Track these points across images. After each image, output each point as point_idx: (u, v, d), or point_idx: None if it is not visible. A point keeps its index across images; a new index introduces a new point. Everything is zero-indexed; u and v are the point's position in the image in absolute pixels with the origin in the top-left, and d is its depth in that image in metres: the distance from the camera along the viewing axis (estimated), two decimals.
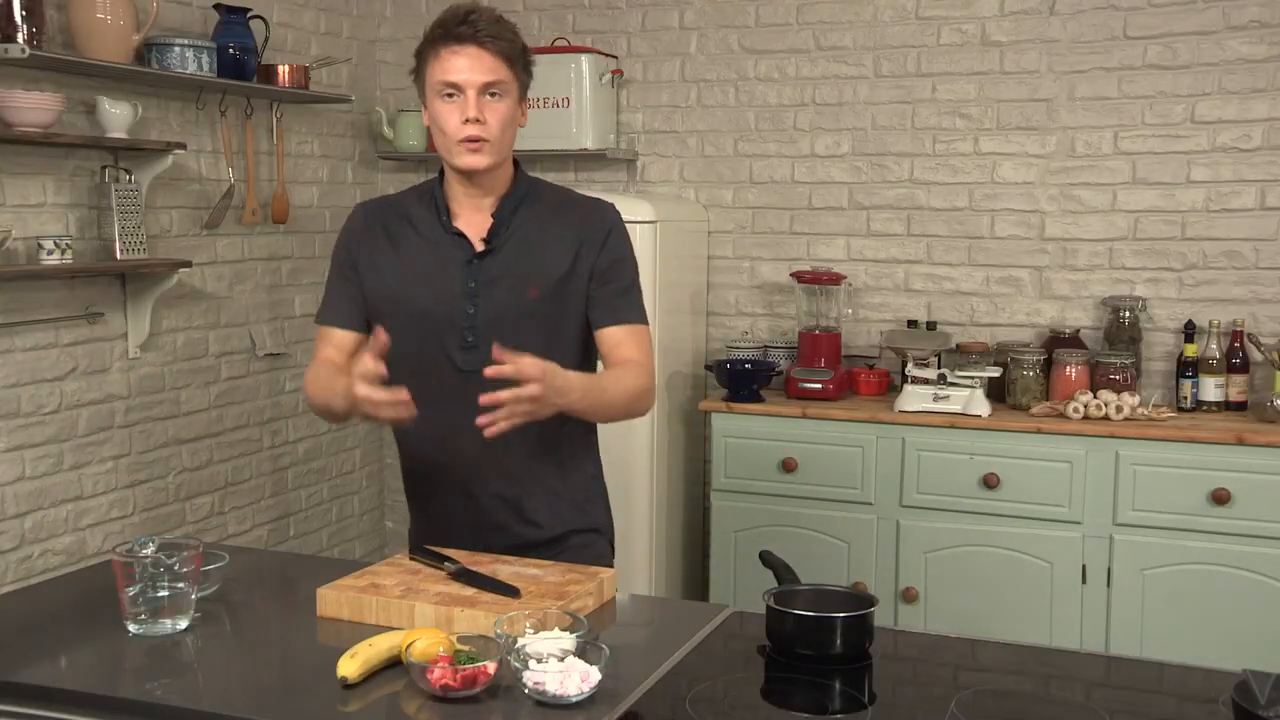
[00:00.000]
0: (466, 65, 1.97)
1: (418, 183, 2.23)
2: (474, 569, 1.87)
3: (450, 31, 1.97)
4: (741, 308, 4.11)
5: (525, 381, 1.79)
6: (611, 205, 2.16)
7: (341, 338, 2.14)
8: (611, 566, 2.14)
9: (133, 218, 3.26)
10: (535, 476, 2.12)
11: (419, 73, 2.05)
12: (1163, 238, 3.63)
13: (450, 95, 1.98)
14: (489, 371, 1.80)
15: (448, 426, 2.05)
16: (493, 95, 1.99)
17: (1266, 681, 1.43)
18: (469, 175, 2.04)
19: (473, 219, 2.08)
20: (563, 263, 2.06)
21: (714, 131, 4.08)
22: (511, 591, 1.77)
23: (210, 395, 3.73)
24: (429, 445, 2.13)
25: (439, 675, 1.49)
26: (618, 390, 2.02)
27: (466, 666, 1.50)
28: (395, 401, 1.84)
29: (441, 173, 2.13)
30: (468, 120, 1.97)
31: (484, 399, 1.80)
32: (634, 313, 2.11)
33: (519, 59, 2.03)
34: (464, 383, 2.02)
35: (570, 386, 1.88)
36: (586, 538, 2.17)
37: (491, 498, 2.11)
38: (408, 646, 1.55)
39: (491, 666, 1.51)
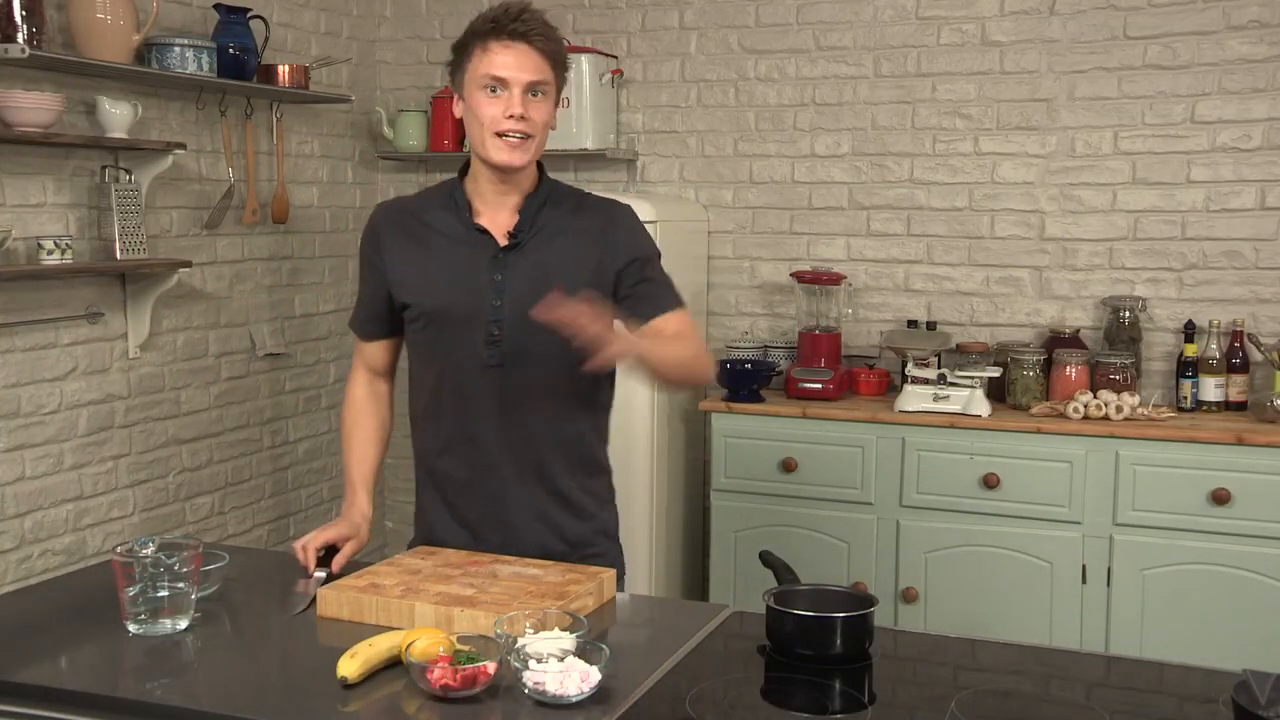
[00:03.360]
0: (515, 62, 1.98)
1: (429, 184, 2.24)
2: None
3: (503, 27, 1.98)
4: (741, 308, 4.11)
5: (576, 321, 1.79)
6: (627, 206, 2.17)
7: (371, 349, 2.23)
8: (622, 570, 2.15)
9: (133, 218, 3.26)
10: (559, 477, 2.11)
11: (458, 65, 2.05)
12: (1163, 238, 3.63)
13: (494, 90, 1.99)
14: (533, 312, 1.81)
15: (475, 422, 2.06)
16: (536, 94, 2.00)
17: (1266, 681, 1.43)
18: (502, 172, 2.04)
19: (496, 217, 2.08)
20: (586, 264, 2.06)
21: (714, 131, 4.08)
22: None
23: (210, 395, 3.73)
24: (457, 441, 2.11)
25: (439, 675, 1.49)
26: (678, 347, 2.06)
27: (466, 666, 1.50)
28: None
29: (461, 173, 2.12)
30: (511, 115, 1.97)
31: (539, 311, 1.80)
32: (671, 299, 2.13)
33: (562, 62, 2.05)
34: (490, 378, 2.05)
35: (637, 346, 1.94)
36: (604, 546, 2.17)
37: (517, 495, 2.10)
38: (408, 646, 1.55)
39: (491, 666, 1.51)
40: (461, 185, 2.12)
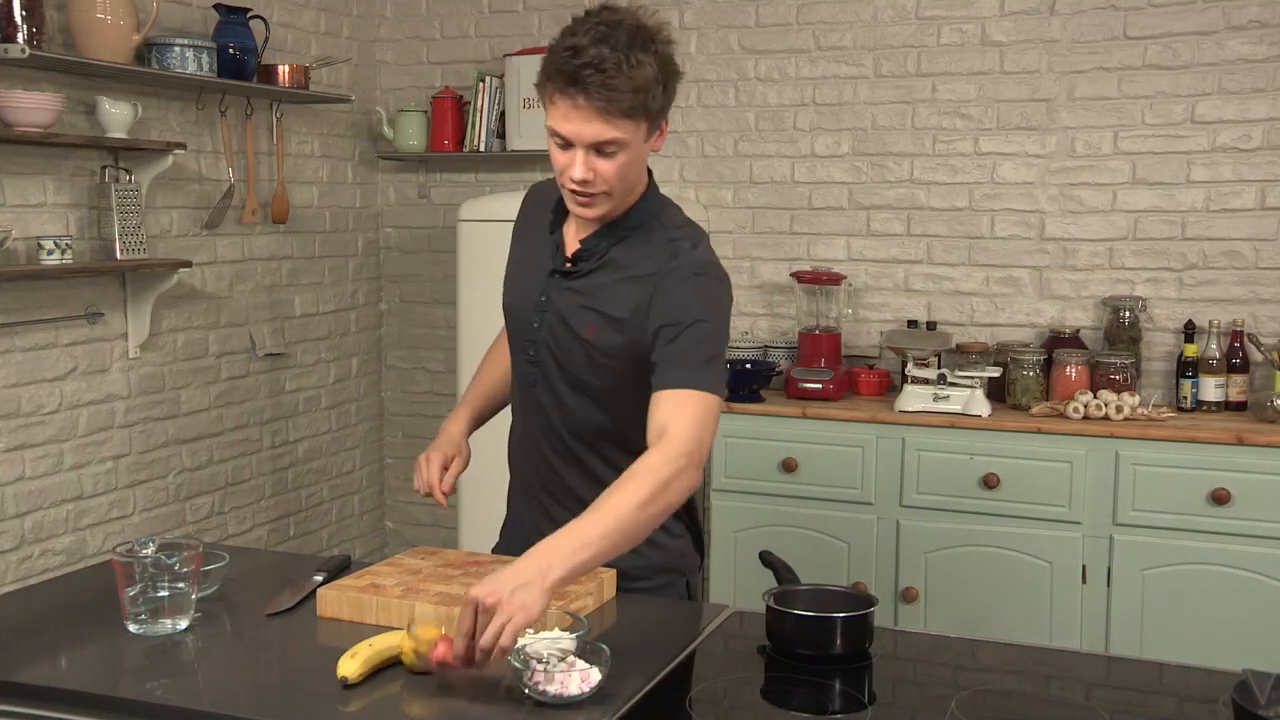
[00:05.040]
0: (575, 124, 1.75)
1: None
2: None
3: (562, 81, 1.74)
4: (741, 308, 4.11)
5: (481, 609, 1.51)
6: (693, 255, 1.88)
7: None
8: (694, 599, 2.10)
9: (133, 218, 3.26)
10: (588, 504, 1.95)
11: (540, 85, 1.81)
12: (1163, 238, 3.63)
13: (560, 144, 1.80)
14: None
15: (519, 431, 2.05)
16: (607, 154, 1.78)
17: (1266, 681, 1.43)
18: None
19: (576, 235, 1.95)
20: (628, 309, 1.86)
21: (714, 131, 4.08)
22: None
23: (210, 395, 3.73)
24: (513, 447, 2.10)
25: (440, 651, 1.51)
26: (617, 507, 1.65)
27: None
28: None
29: None
30: (574, 179, 1.80)
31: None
32: (687, 375, 1.78)
33: (642, 103, 1.75)
34: (525, 393, 2.01)
35: (528, 568, 1.54)
36: (660, 580, 2.01)
37: (553, 509, 2.01)
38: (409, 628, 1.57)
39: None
40: None
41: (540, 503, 2.06)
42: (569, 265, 1.93)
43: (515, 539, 2.06)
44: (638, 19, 1.78)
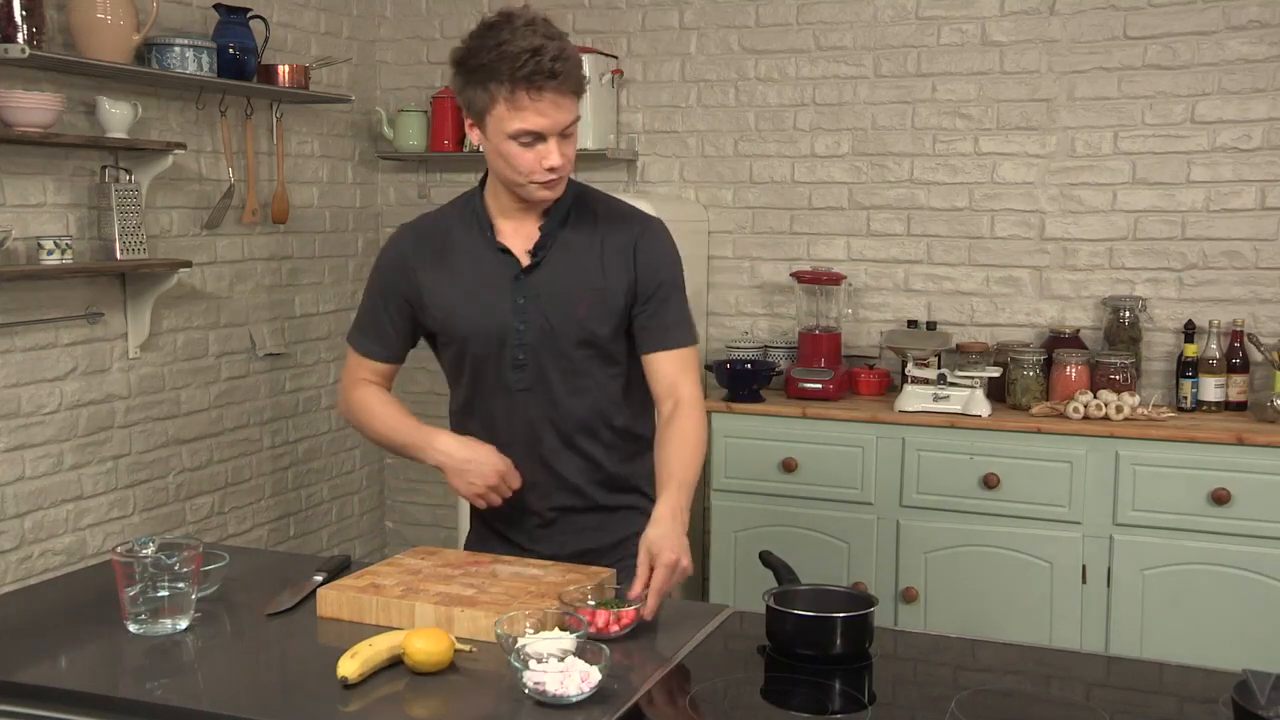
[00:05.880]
0: (552, 115, 1.85)
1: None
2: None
3: (535, 81, 1.82)
4: (741, 308, 4.11)
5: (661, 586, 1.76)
6: (657, 220, 2.07)
7: (377, 369, 2.14)
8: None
9: (133, 218, 3.26)
10: (595, 491, 2.10)
11: (475, 96, 1.87)
12: (1163, 238, 3.63)
13: (528, 143, 1.87)
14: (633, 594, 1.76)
15: (500, 445, 2.02)
16: (568, 135, 1.91)
17: (1266, 681, 1.43)
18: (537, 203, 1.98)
19: (519, 232, 2.01)
20: (607, 281, 1.99)
21: (714, 131, 4.08)
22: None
23: (210, 395, 3.73)
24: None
25: (604, 621, 1.69)
26: (692, 461, 1.96)
27: (623, 610, 1.72)
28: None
29: (482, 184, 2.05)
30: (549, 167, 1.89)
31: (635, 593, 1.76)
32: (682, 334, 2.03)
33: (583, 84, 1.92)
34: (515, 402, 2.02)
35: (679, 528, 1.82)
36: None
37: (543, 510, 2.09)
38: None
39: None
40: (483, 200, 2.04)
41: (536, 504, 2.08)
42: (532, 260, 1.99)
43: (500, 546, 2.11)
44: (535, 13, 1.90)
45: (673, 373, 2.01)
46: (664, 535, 1.79)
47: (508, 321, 1.99)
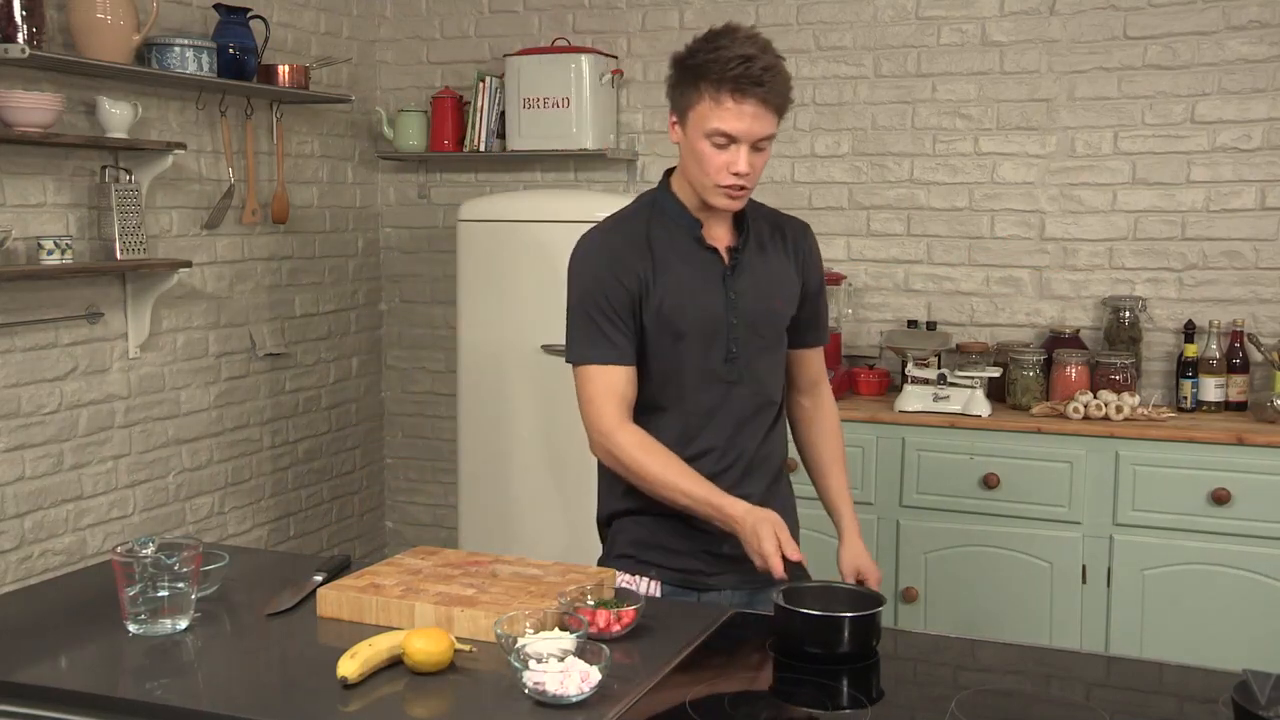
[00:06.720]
0: (749, 123, 1.94)
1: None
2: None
3: (741, 86, 1.93)
4: None
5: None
6: (808, 224, 2.27)
7: (627, 377, 2.03)
8: None
9: (133, 218, 3.26)
10: (782, 496, 2.26)
11: (681, 93, 2.01)
12: (1163, 238, 3.63)
13: (721, 144, 1.96)
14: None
15: (711, 437, 2.05)
16: (760, 149, 1.98)
17: (1266, 681, 1.43)
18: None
19: (717, 233, 2.10)
20: (791, 278, 2.15)
21: None
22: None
23: (210, 395, 3.73)
24: (692, 458, 2.05)
25: (604, 621, 1.70)
26: (839, 452, 2.35)
27: (623, 610, 1.73)
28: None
29: (664, 187, 2.12)
30: (737, 173, 1.96)
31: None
32: (826, 334, 2.27)
33: (785, 108, 2.02)
34: (725, 393, 2.07)
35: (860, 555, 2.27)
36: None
37: (764, 500, 2.12)
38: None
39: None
40: (677, 201, 2.09)
41: (744, 491, 2.06)
42: (733, 259, 2.09)
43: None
44: (759, 32, 2.08)
45: (819, 367, 2.26)
46: (864, 553, 2.27)
47: (723, 317, 2.06)
